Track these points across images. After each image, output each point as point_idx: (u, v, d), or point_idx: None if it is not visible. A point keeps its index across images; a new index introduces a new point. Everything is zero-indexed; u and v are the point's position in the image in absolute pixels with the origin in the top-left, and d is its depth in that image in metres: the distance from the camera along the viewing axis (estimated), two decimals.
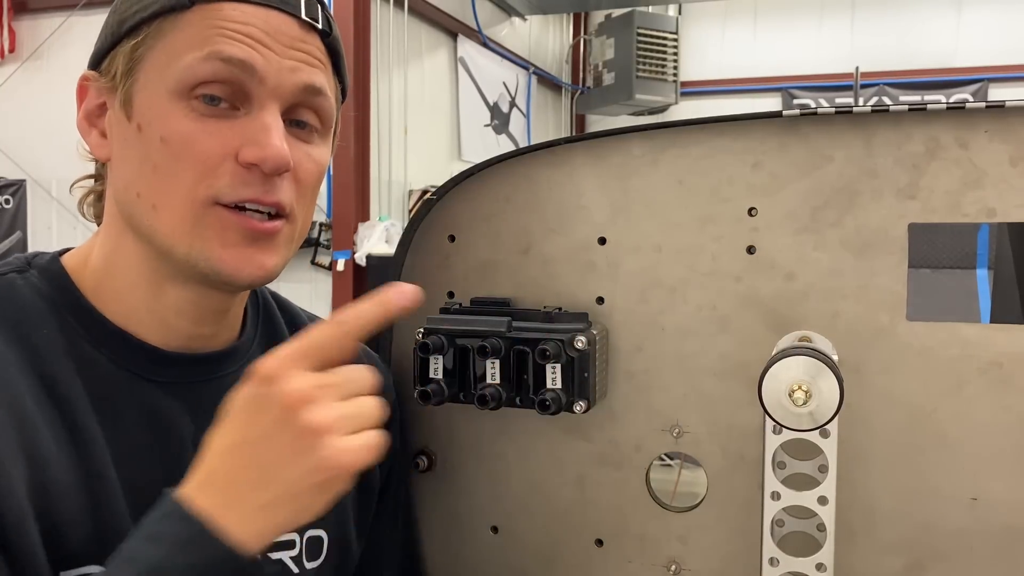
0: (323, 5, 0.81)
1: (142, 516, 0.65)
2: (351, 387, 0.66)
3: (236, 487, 0.63)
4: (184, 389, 0.81)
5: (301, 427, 0.62)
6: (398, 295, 0.68)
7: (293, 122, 0.79)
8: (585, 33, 8.94)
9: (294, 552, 0.87)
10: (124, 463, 0.76)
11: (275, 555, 0.85)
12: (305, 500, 0.63)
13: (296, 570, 0.87)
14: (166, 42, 0.75)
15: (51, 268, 0.81)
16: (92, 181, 0.86)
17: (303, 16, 0.78)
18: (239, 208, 0.76)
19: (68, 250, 0.85)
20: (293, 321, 0.96)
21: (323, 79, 0.80)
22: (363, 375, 0.67)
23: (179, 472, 0.76)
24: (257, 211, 0.76)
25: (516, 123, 7.92)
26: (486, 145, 7.24)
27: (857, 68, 5.17)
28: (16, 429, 0.69)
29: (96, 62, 0.80)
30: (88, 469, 0.73)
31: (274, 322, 0.94)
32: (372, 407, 0.66)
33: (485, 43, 7.25)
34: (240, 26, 0.75)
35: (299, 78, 0.77)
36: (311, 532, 0.89)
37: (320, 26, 0.80)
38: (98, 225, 0.86)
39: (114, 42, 0.78)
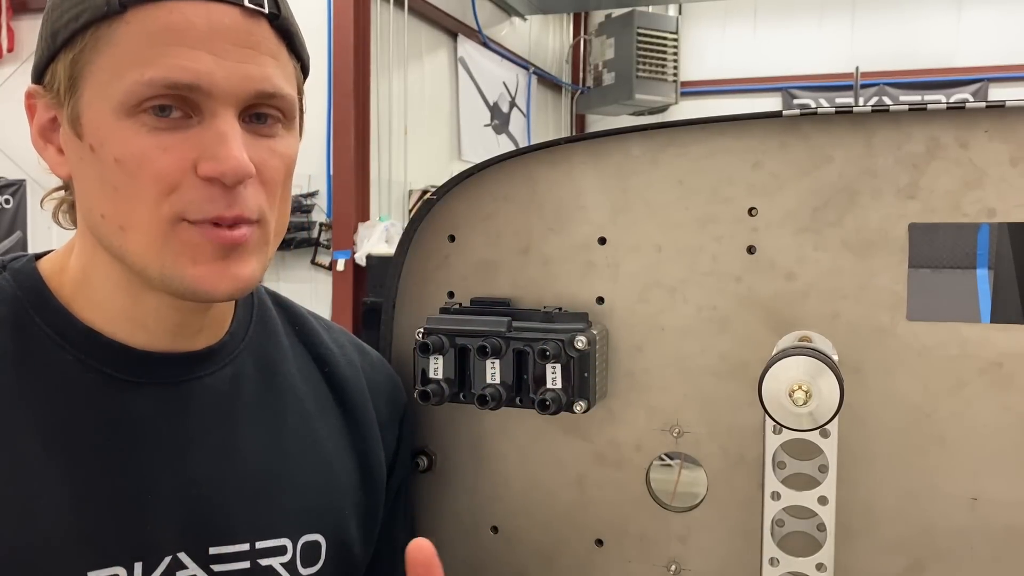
0: None
1: (102, 518, 0.73)
2: None
3: None
4: (160, 390, 0.79)
5: None
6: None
7: (253, 116, 0.74)
8: (585, 33, 8.93)
9: (285, 558, 0.85)
10: (79, 468, 0.74)
11: (264, 561, 0.83)
12: None
13: None
14: (104, 56, 0.70)
15: (24, 270, 0.79)
16: (63, 191, 0.82)
17: (246, 3, 0.71)
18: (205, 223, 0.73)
19: (46, 253, 0.83)
20: (293, 320, 0.94)
21: (278, 75, 0.74)
22: None
23: (144, 475, 0.77)
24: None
25: (516, 123, 7.91)
26: (486, 145, 7.23)
27: (857, 68, 5.16)
28: None
29: (38, 75, 0.75)
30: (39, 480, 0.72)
31: (269, 322, 0.92)
32: None
33: (485, 43, 7.25)
34: (181, 35, 0.69)
35: (251, 87, 0.72)
36: (306, 537, 0.87)
37: (267, 10, 0.73)
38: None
39: (51, 55, 0.73)
